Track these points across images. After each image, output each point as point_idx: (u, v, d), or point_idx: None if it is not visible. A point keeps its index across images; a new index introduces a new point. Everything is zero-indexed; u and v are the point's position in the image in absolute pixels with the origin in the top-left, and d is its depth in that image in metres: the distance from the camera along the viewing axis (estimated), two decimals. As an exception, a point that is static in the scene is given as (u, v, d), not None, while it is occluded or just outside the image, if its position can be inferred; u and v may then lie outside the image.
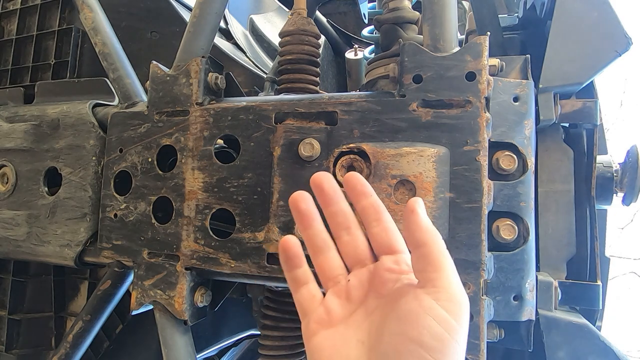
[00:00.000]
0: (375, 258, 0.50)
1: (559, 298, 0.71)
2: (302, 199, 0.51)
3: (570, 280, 0.73)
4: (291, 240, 0.51)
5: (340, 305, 0.49)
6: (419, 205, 0.46)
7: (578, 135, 0.79)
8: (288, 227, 0.64)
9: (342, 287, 0.50)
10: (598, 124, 0.76)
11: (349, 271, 0.51)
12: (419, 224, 0.45)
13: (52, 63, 1.04)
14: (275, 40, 1.17)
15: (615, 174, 0.80)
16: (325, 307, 0.49)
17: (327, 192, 0.51)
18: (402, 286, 0.46)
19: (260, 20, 1.43)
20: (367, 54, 1.38)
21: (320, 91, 0.91)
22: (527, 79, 0.71)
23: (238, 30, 1.30)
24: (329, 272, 0.51)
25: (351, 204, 0.52)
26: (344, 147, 0.64)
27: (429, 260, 0.43)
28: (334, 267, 0.51)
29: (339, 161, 0.64)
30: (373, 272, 0.49)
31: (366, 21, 1.48)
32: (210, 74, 0.75)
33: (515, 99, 0.67)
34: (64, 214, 0.82)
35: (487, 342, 0.58)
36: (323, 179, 0.51)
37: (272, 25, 1.46)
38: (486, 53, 0.60)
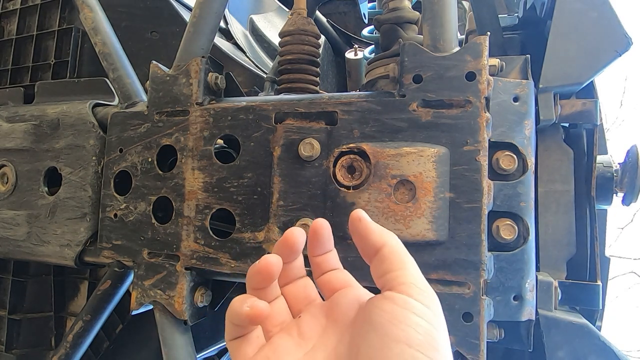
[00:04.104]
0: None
1: (559, 298, 0.70)
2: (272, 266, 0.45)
3: (570, 280, 0.73)
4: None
5: (292, 342, 0.43)
6: (362, 213, 0.45)
7: (578, 135, 0.79)
8: (288, 227, 0.64)
9: (292, 324, 0.46)
10: (598, 124, 0.76)
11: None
12: (371, 228, 0.44)
13: (52, 63, 1.04)
14: (275, 40, 1.17)
15: (615, 174, 0.80)
16: (274, 345, 0.43)
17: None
18: (364, 304, 0.43)
19: (260, 20, 1.43)
20: (367, 54, 1.38)
21: (320, 91, 0.91)
22: (527, 79, 0.71)
23: (238, 30, 1.30)
24: (276, 317, 0.47)
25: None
26: (344, 147, 0.63)
27: (392, 259, 0.42)
28: (281, 313, 0.47)
29: (339, 161, 0.64)
30: (329, 306, 0.46)
31: (366, 21, 1.48)
32: (210, 74, 0.74)
33: (515, 99, 0.67)
34: (64, 214, 0.82)
35: (487, 342, 0.57)
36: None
37: (272, 25, 1.46)
38: (486, 53, 0.60)
